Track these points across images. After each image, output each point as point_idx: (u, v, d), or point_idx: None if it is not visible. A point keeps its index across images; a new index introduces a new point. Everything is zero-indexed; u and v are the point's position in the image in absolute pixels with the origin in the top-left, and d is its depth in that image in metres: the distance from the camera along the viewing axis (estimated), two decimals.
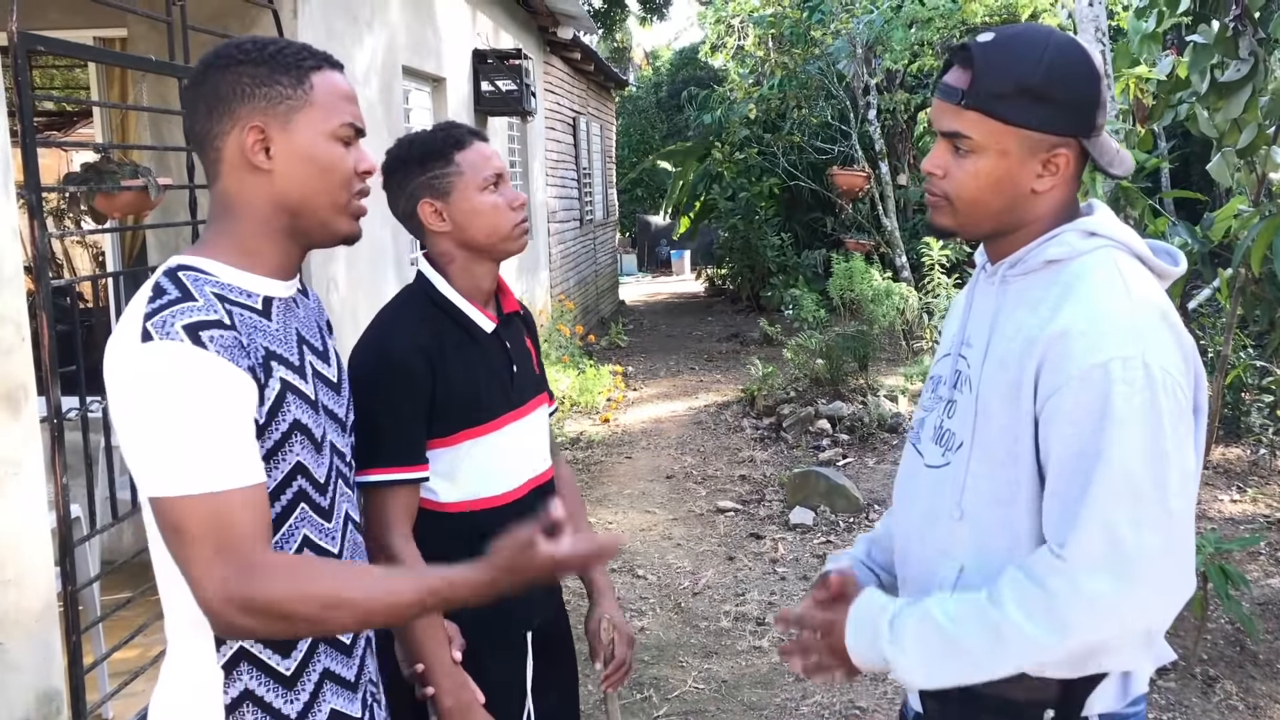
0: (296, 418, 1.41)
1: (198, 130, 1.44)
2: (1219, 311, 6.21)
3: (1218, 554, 3.73)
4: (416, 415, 1.85)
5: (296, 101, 1.42)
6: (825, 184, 12.76)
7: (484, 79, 7.84)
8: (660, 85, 24.18)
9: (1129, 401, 1.33)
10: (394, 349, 1.86)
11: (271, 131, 1.41)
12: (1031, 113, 1.42)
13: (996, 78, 1.42)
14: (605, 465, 7.08)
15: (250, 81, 1.40)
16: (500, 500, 1.96)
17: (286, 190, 1.43)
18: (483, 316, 1.95)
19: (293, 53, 1.44)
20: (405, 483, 1.83)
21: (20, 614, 2.63)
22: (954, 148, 1.48)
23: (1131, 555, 1.32)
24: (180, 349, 1.28)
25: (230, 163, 1.43)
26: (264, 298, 1.43)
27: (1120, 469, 1.32)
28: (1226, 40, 3.87)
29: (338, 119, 1.45)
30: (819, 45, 12.19)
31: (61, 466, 2.78)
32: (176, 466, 1.28)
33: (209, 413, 1.29)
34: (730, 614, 4.55)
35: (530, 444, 2.04)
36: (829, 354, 7.98)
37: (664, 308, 16.11)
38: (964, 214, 1.51)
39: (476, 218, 1.91)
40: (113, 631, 3.68)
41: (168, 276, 1.36)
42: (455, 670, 1.79)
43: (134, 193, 3.33)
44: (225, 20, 4.39)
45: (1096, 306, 1.39)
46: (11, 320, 2.66)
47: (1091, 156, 1.47)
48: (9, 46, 2.69)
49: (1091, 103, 1.44)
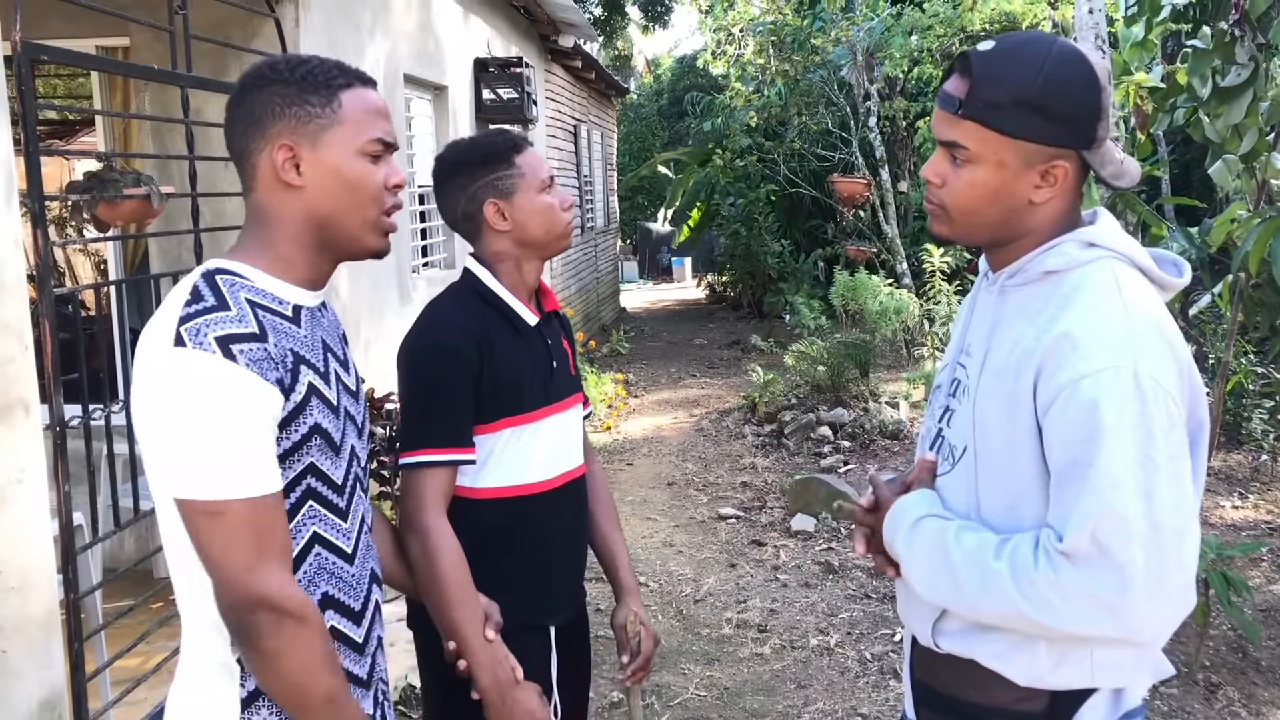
0: (318, 421, 1.46)
1: (235, 147, 1.50)
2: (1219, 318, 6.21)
3: (1219, 560, 3.73)
4: (465, 399, 1.91)
5: (325, 120, 1.47)
6: (826, 191, 12.76)
7: (485, 87, 7.87)
8: (661, 93, 24.22)
9: (1119, 412, 1.34)
10: (446, 334, 1.93)
11: (301, 149, 1.47)
12: (1028, 124, 1.41)
13: (994, 88, 1.41)
14: (607, 472, 7.04)
15: (281, 101, 1.46)
16: (534, 489, 2.01)
17: (317, 206, 1.48)
18: (527, 311, 2.02)
19: (323, 71, 1.49)
20: (446, 464, 1.89)
21: (23, 621, 2.63)
22: (952, 157, 1.48)
23: (1119, 565, 1.32)
24: (211, 361, 1.33)
25: (264, 178, 1.48)
26: (294, 305, 1.49)
27: (1109, 478, 1.33)
28: (1225, 45, 3.88)
29: (366, 135, 1.50)
30: (820, 52, 12.22)
31: (64, 474, 2.79)
32: (212, 470, 1.33)
33: (238, 423, 1.35)
34: (732, 621, 4.55)
35: (566, 439, 2.10)
36: (830, 361, 7.99)
37: (665, 315, 16.11)
38: (960, 223, 1.52)
39: (536, 216, 2.00)
40: (115, 639, 3.68)
41: (205, 280, 1.41)
42: (491, 647, 1.82)
43: (136, 201, 3.34)
44: (227, 29, 4.41)
45: (1091, 318, 1.40)
46: (14, 328, 2.67)
47: (1092, 168, 1.47)
48: (12, 56, 2.70)
49: (1091, 115, 1.42)
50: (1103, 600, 1.32)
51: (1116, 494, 1.32)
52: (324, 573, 1.48)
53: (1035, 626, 1.40)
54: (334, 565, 1.50)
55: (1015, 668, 1.46)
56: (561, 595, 2.12)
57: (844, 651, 4.21)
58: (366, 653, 1.56)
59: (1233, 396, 6.43)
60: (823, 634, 4.37)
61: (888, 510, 1.57)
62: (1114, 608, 1.33)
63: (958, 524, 1.48)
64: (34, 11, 2.94)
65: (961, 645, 1.51)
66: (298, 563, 1.45)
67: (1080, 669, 1.44)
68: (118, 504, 3.44)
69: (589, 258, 13.48)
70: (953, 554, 1.44)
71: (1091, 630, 1.36)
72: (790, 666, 4.11)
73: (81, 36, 4.71)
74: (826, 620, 4.51)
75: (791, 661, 4.15)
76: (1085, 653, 1.43)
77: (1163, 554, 1.32)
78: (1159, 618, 1.35)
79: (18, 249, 2.73)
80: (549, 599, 2.07)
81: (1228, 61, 3.90)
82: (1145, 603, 1.32)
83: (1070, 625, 1.36)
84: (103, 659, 3.34)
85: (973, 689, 1.52)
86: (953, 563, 1.44)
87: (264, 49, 4.43)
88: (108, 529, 3.31)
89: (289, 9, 4.57)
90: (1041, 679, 1.45)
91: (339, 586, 1.50)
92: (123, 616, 3.30)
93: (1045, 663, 1.44)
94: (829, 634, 4.37)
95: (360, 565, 1.55)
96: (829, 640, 4.31)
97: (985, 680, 1.50)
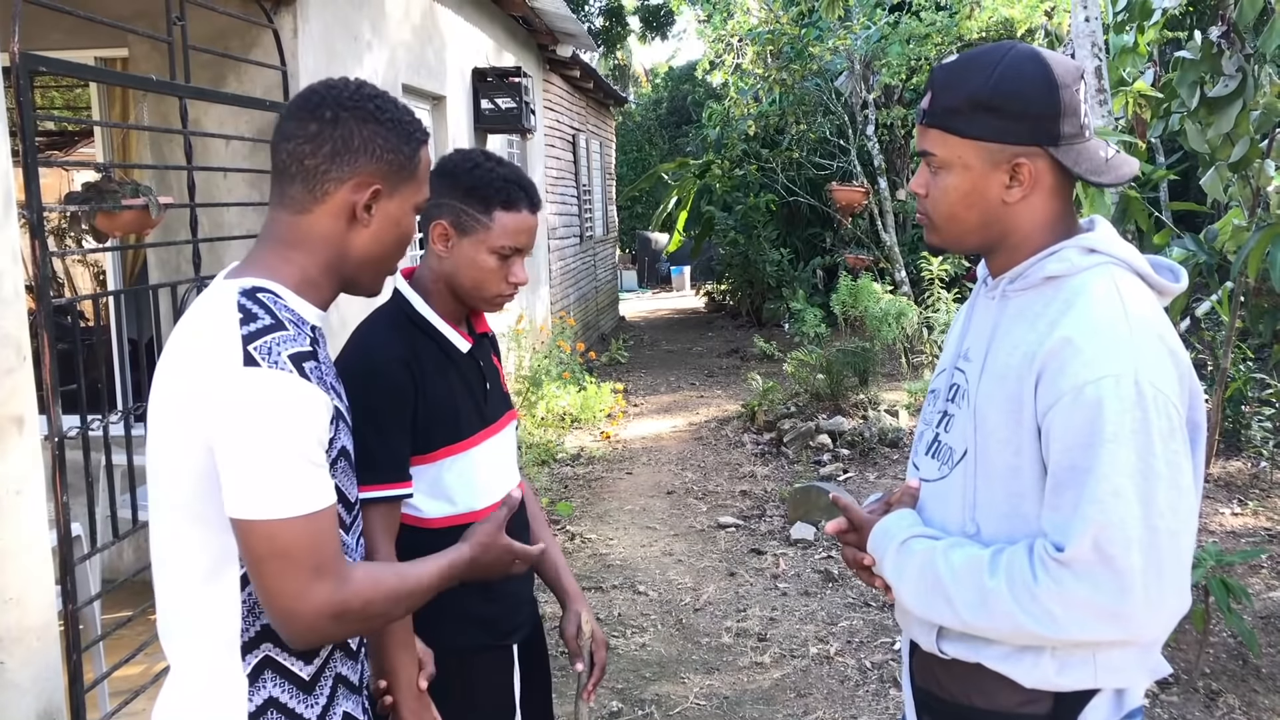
0: (344, 444, 1.49)
1: (308, 162, 1.47)
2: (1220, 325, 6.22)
3: (1219, 567, 3.72)
4: (401, 429, 1.85)
5: (407, 172, 1.52)
6: (824, 199, 12.79)
7: (484, 97, 7.89)
8: (660, 102, 24.27)
9: (1120, 419, 1.35)
10: (378, 363, 1.85)
11: (383, 194, 1.50)
12: (985, 125, 1.47)
13: (951, 94, 1.49)
14: (606, 481, 7.08)
15: (383, 143, 1.48)
16: (483, 514, 1.97)
17: (370, 247, 1.52)
18: (459, 337, 1.97)
19: (411, 121, 1.53)
20: (388, 500, 1.83)
21: (21, 632, 2.63)
22: (929, 167, 1.54)
23: (1120, 571, 1.34)
24: (291, 380, 1.35)
25: (335, 207, 1.48)
26: (312, 325, 1.49)
27: (1110, 486, 1.34)
28: (1212, 56, 3.89)
29: (423, 195, 1.57)
30: (817, 61, 12.25)
31: (62, 485, 2.79)
32: (283, 490, 1.34)
33: (310, 439, 1.37)
34: (732, 630, 4.54)
35: (505, 458, 2.08)
36: (829, 369, 7.99)
37: (664, 323, 16.12)
38: (944, 230, 1.57)
39: (473, 270, 1.92)
40: (113, 650, 3.68)
41: (249, 298, 1.40)
42: (421, 696, 1.80)
43: (135, 212, 3.35)
44: (226, 40, 4.42)
45: (1093, 324, 1.41)
46: (13, 339, 2.67)
47: (1065, 166, 1.48)
48: (11, 67, 2.71)
49: (1048, 113, 1.46)
50: (1104, 607, 1.35)
51: (1117, 502, 1.34)
52: None
53: (1033, 638, 1.41)
54: None
55: (1021, 670, 1.47)
56: (521, 612, 2.10)
57: (844, 660, 4.20)
58: (359, 658, 1.59)
59: (1232, 403, 6.44)
60: (822, 642, 4.37)
61: (868, 532, 1.60)
62: (1116, 613, 1.35)
63: (945, 543, 1.50)
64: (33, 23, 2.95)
65: (966, 650, 1.52)
66: None
67: (1084, 669, 1.45)
68: (116, 515, 3.44)
69: (588, 267, 13.49)
70: (944, 575, 1.46)
71: (1092, 636, 1.38)
72: (790, 675, 4.10)
73: (80, 48, 4.72)
74: (826, 629, 4.51)
75: (791, 670, 4.14)
76: (1089, 653, 1.44)
77: (1159, 556, 1.34)
78: (1159, 618, 1.37)
79: (16, 260, 2.74)
80: (509, 617, 2.06)
81: (1215, 73, 3.91)
82: (1145, 605, 1.35)
83: (1069, 634, 1.38)
84: (101, 670, 3.33)
85: (976, 693, 1.53)
86: (945, 583, 1.46)
87: (262, 60, 4.44)
88: (106, 540, 3.31)
89: (287, 20, 4.58)
90: (1047, 680, 1.46)
91: None
92: (121, 627, 3.30)
93: (1051, 664, 1.45)
94: (829, 642, 4.36)
95: None
96: (829, 649, 4.30)
97: (989, 684, 1.50)
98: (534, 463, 7.14)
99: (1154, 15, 4.43)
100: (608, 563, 5.45)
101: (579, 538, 5.85)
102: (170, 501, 1.40)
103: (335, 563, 1.39)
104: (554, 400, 8.48)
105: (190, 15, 3.66)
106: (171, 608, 1.45)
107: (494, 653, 2.03)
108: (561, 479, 7.10)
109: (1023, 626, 1.39)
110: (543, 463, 7.31)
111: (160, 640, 1.48)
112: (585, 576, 5.22)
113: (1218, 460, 6.41)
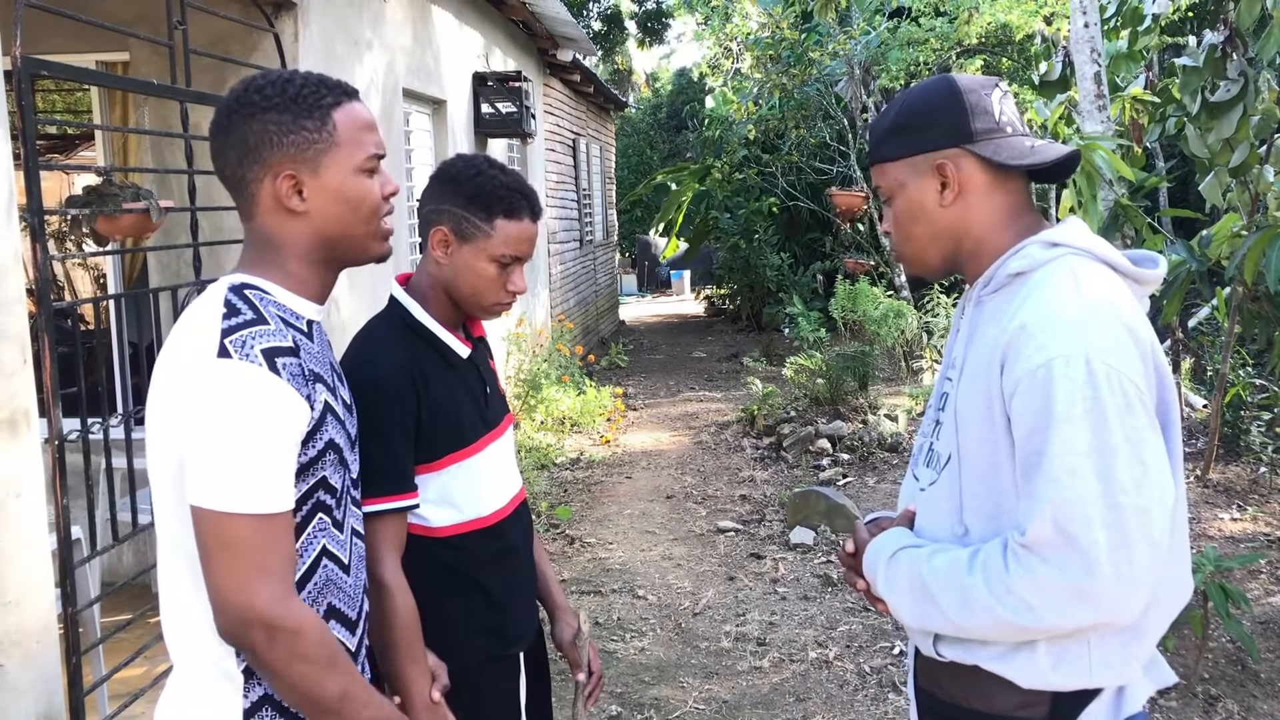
0: (332, 438, 1.48)
1: (229, 174, 1.50)
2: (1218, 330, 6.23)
3: (1218, 572, 3.72)
4: (405, 439, 1.84)
5: (323, 144, 1.49)
6: (824, 204, 12.79)
7: (484, 101, 7.90)
8: (660, 107, 24.29)
9: (1070, 397, 1.36)
10: (379, 373, 1.84)
11: (303, 176, 1.48)
12: (902, 143, 1.60)
13: (877, 131, 1.65)
14: (605, 485, 7.08)
15: (277, 130, 1.47)
16: (491, 520, 1.98)
17: (323, 227, 1.51)
18: (458, 342, 1.96)
19: (311, 91, 1.49)
20: (395, 512, 1.82)
21: (21, 635, 2.63)
22: (886, 204, 1.66)
23: (1084, 549, 1.34)
24: (259, 374, 1.36)
25: (266, 205, 1.49)
26: (307, 320, 1.50)
27: (1064, 464, 1.35)
28: (1215, 61, 3.91)
29: (363, 153, 1.52)
30: (816, 66, 12.26)
31: (62, 488, 2.79)
32: (236, 483, 1.34)
33: (273, 438, 1.36)
34: (731, 634, 4.54)
35: (507, 462, 2.08)
36: (829, 373, 7.99)
37: (664, 328, 16.13)
38: (910, 256, 1.67)
39: (472, 277, 1.90)
40: (113, 653, 3.68)
41: (235, 294, 1.42)
42: (435, 708, 1.78)
43: (135, 215, 3.35)
44: (226, 44, 4.43)
45: (1045, 308, 1.44)
46: (14, 342, 2.68)
47: (989, 159, 1.54)
48: (12, 71, 2.71)
49: (955, 114, 1.55)
50: (1073, 587, 1.35)
51: (1072, 479, 1.35)
52: (330, 585, 1.51)
53: (1018, 631, 1.42)
54: (337, 577, 1.52)
55: (1016, 669, 1.47)
56: (526, 620, 2.09)
57: (843, 664, 4.21)
58: (359, 660, 1.59)
59: (1231, 409, 6.44)
60: (822, 647, 4.37)
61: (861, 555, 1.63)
62: (1085, 592, 1.34)
63: (928, 550, 1.52)
64: (34, 27, 2.96)
65: (963, 652, 1.52)
66: (309, 575, 1.47)
67: (1079, 666, 1.45)
68: (116, 518, 3.44)
69: (588, 271, 13.50)
70: (929, 582, 1.48)
71: (1070, 622, 1.38)
72: (789, 680, 4.10)
73: (81, 51, 4.73)
74: (825, 633, 4.51)
75: (790, 675, 4.14)
76: (1083, 649, 1.44)
77: (1126, 532, 1.34)
78: (1132, 596, 1.36)
79: (17, 263, 2.74)
80: (516, 625, 2.04)
81: (1218, 78, 3.93)
82: (1114, 582, 1.34)
83: (1048, 621, 1.38)
84: (101, 673, 3.34)
85: (976, 696, 1.53)
86: (930, 589, 1.48)
87: (263, 64, 4.45)
88: (106, 543, 3.31)
89: (288, 24, 4.59)
90: (1043, 678, 1.46)
91: (340, 597, 1.53)
92: (121, 630, 3.30)
93: (1045, 662, 1.45)
94: (828, 647, 4.36)
95: (355, 575, 1.58)
96: (828, 653, 4.30)
97: (988, 687, 1.51)
98: (533, 467, 7.14)
99: (1145, 21, 4.45)
100: (607, 567, 5.45)
101: (578, 542, 5.85)
102: (163, 495, 1.42)
103: (283, 571, 1.38)
104: (553, 404, 8.48)
105: (191, 19, 3.67)
106: (171, 604, 1.46)
107: (501, 662, 2.02)
108: (561, 483, 7.11)
109: (1003, 619, 1.40)
110: (542, 467, 7.31)
111: (164, 639, 1.50)
112: (584, 580, 5.22)
113: (1217, 465, 6.42)
